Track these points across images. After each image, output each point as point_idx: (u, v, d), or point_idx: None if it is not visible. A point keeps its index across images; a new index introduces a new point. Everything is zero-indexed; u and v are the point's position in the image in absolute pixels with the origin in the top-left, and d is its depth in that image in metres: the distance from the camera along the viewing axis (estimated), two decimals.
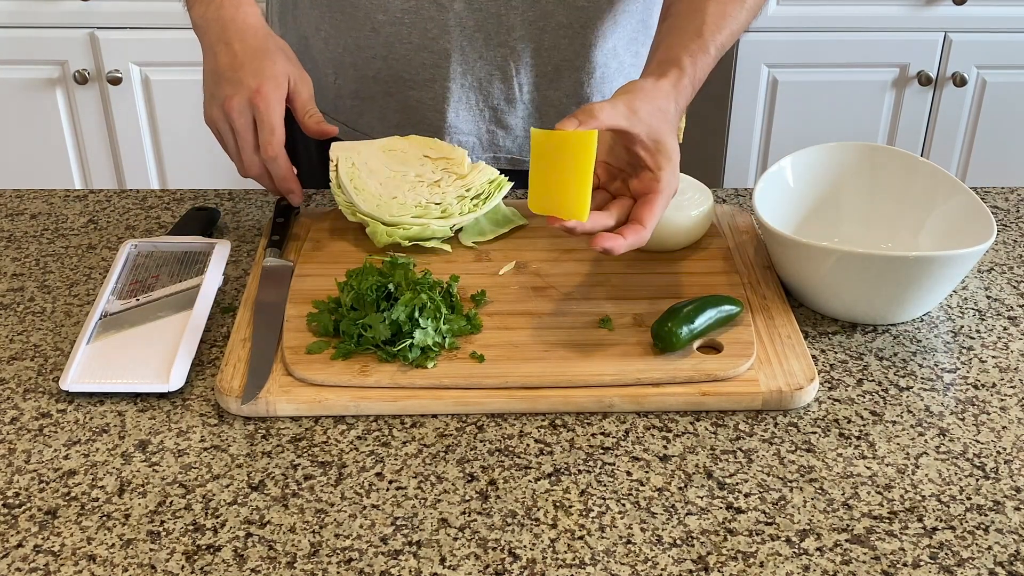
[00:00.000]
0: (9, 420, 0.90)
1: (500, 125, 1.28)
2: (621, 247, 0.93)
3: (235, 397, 0.90)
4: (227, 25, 1.09)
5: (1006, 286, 1.10)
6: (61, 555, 0.77)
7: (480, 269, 1.07)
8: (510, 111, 1.27)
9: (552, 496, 0.83)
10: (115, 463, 0.86)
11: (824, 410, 0.92)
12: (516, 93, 1.26)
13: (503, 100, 1.26)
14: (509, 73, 1.24)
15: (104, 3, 2.16)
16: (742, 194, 1.26)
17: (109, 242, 1.16)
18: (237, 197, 1.25)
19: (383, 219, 1.09)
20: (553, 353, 0.95)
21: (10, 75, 2.22)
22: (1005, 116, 2.31)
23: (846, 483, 0.85)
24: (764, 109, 2.31)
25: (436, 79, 1.23)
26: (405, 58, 1.23)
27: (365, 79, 1.26)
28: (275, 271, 1.06)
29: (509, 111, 1.27)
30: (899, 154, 1.13)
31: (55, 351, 0.99)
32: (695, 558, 0.78)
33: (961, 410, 0.92)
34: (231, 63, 1.07)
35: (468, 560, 0.77)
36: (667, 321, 0.95)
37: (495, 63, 1.23)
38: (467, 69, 1.23)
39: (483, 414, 0.91)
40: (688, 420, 0.91)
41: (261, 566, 0.77)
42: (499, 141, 1.29)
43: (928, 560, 0.78)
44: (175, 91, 2.24)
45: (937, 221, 1.09)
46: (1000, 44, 2.24)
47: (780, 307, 1.03)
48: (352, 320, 0.95)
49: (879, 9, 2.21)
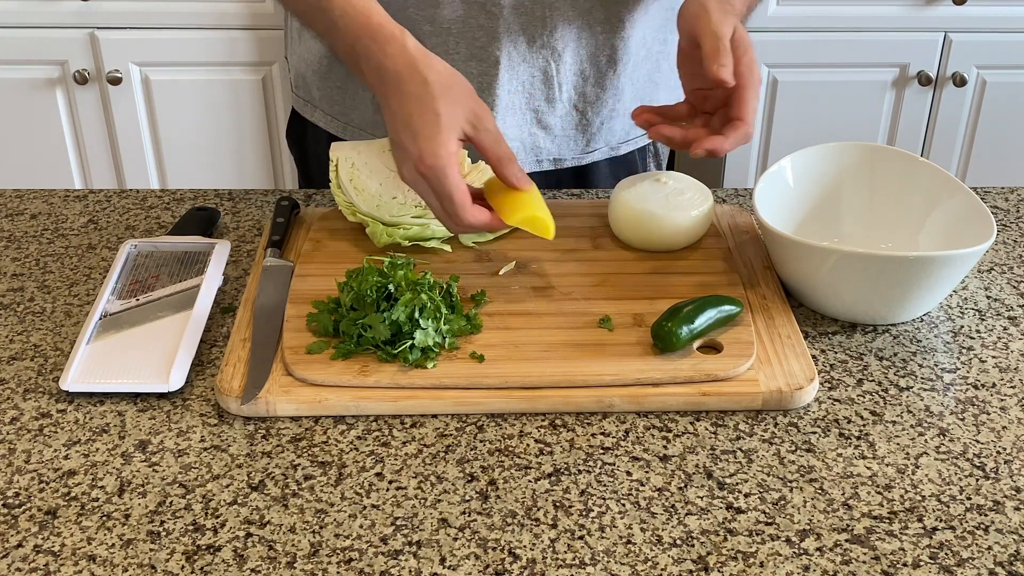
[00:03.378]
0: (9, 420, 0.90)
1: (541, 126, 1.27)
2: (725, 146, 0.99)
3: (235, 397, 0.90)
4: (383, 76, 0.98)
5: (1006, 286, 1.10)
6: (61, 555, 0.77)
7: (480, 269, 1.07)
8: (550, 111, 1.26)
9: (552, 496, 0.83)
10: (115, 463, 0.86)
11: (824, 410, 0.92)
12: (556, 93, 1.24)
13: (543, 101, 1.25)
14: (550, 74, 1.23)
15: (104, 3, 2.16)
16: (742, 194, 1.26)
17: (109, 242, 1.16)
18: (237, 197, 1.25)
19: (383, 219, 1.09)
20: (553, 353, 0.95)
21: (10, 75, 2.22)
22: (1005, 116, 2.31)
23: (846, 483, 0.85)
24: (764, 109, 2.31)
25: (484, 88, 1.21)
26: None
27: None
28: (275, 271, 1.06)
29: (549, 111, 1.26)
30: (899, 154, 1.13)
31: (55, 351, 0.99)
32: (695, 558, 0.78)
33: (961, 410, 0.92)
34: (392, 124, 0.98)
35: (468, 560, 0.77)
36: (667, 321, 0.95)
37: (538, 66, 1.22)
38: (513, 75, 1.21)
39: (483, 414, 0.91)
40: (688, 420, 0.91)
41: (261, 566, 0.77)
42: (540, 143, 1.28)
43: (928, 560, 0.78)
44: (175, 91, 2.24)
45: (937, 221, 1.09)
46: (1000, 44, 2.24)
47: (780, 307, 1.03)
48: (352, 320, 0.95)
49: (879, 9, 2.20)
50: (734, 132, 1.01)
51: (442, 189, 0.95)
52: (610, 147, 1.32)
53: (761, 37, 2.22)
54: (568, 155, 1.30)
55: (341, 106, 1.29)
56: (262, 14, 2.18)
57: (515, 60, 1.21)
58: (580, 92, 1.26)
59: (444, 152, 0.94)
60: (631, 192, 1.11)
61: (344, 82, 1.27)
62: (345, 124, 1.29)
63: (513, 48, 1.20)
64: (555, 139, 1.28)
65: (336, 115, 1.29)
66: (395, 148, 0.98)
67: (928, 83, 2.26)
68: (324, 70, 1.28)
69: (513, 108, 1.24)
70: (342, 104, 1.28)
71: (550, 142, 1.28)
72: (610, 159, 1.33)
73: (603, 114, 1.28)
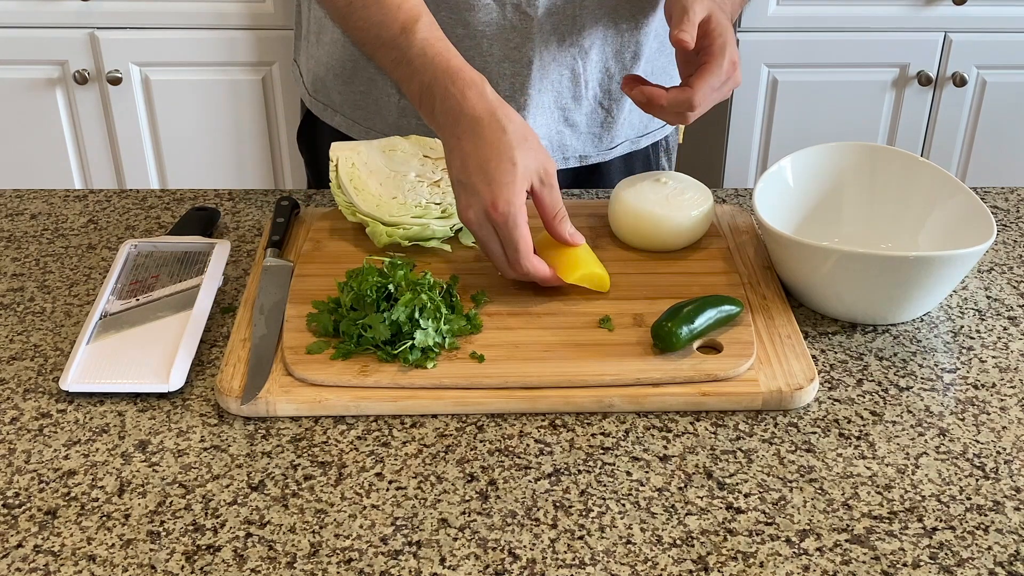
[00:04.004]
0: (9, 420, 0.90)
1: (567, 124, 1.28)
2: (661, 100, 1.05)
3: (235, 397, 0.90)
4: (458, 119, 0.99)
5: (1006, 286, 1.10)
6: (61, 555, 0.77)
7: (480, 269, 1.07)
8: (576, 108, 1.27)
9: (552, 496, 0.83)
10: (115, 463, 0.86)
11: (824, 410, 0.92)
12: (583, 91, 1.25)
13: (571, 99, 1.26)
14: (578, 72, 1.24)
15: (104, 3, 2.16)
16: (742, 194, 1.26)
17: (109, 242, 1.16)
18: (237, 197, 1.25)
19: (383, 219, 1.09)
20: (553, 353, 0.95)
21: (10, 75, 2.22)
22: (1005, 116, 2.31)
23: (846, 483, 0.85)
24: (764, 109, 2.31)
25: (517, 89, 1.22)
26: (485, 71, 1.15)
27: None
28: (275, 271, 1.06)
29: (575, 108, 1.27)
30: (899, 154, 1.13)
31: (55, 351, 0.99)
32: (695, 558, 0.78)
33: (961, 410, 0.92)
34: (462, 165, 0.99)
35: (468, 560, 0.77)
36: (667, 321, 0.95)
37: (567, 64, 1.23)
38: (544, 75, 1.22)
39: (483, 414, 0.91)
40: (688, 420, 0.91)
41: (261, 566, 0.77)
42: (567, 140, 1.29)
43: (928, 560, 0.78)
44: (175, 91, 2.24)
45: (937, 221, 1.09)
46: (1000, 44, 2.24)
47: (780, 307, 1.03)
48: (352, 320, 0.95)
49: (879, 9, 2.21)
50: (677, 91, 1.05)
51: (509, 236, 0.97)
52: (630, 141, 1.33)
53: (761, 37, 2.23)
54: (593, 151, 1.31)
55: (364, 111, 1.28)
56: (262, 14, 2.18)
57: (546, 60, 1.21)
58: (605, 89, 1.27)
59: (517, 201, 0.97)
60: (631, 192, 1.11)
61: (368, 86, 1.27)
62: (368, 128, 1.29)
63: (545, 49, 1.20)
64: (580, 136, 1.29)
65: (358, 119, 1.29)
66: (461, 189, 0.99)
67: (928, 83, 2.26)
68: (348, 74, 1.27)
69: (542, 107, 1.24)
70: (365, 108, 1.28)
71: (576, 139, 1.29)
72: (625, 155, 1.34)
73: (625, 109, 1.29)
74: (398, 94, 1.25)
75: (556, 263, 1.02)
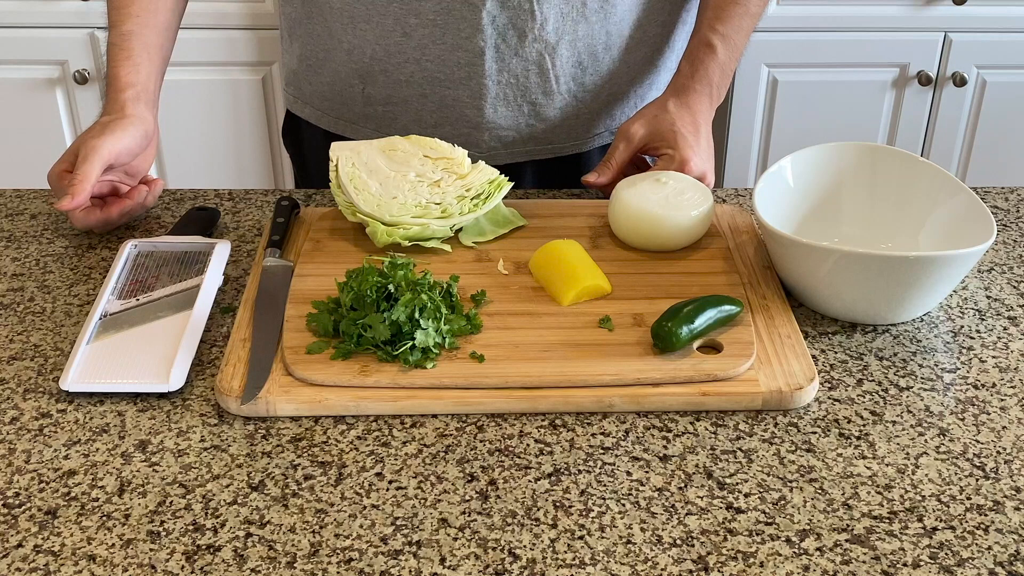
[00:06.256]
0: (9, 420, 0.90)
1: (539, 119, 1.29)
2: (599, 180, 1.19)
3: (235, 397, 0.90)
4: None
5: (1006, 286, 1.10)
6: (61, 555, 0.77)
7: (480, 269, 1.07)
8: (548, 103, 1.28)
9: (552, 496, 0.83)
10: (115, 463, 0.86)
11: (824, 410, 0.92)
12: (553, 86, 1.26)
13: (541, 94, 1.27)
14: (546, 67, 1.25)
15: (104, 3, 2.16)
16: (742, 194, 1.26)
17: (109, 242, 1.16)
18: (237, 197, 1.25)
19: (383, 219, 1.09)
20: (553, 353, 0.95)
21: (10, 75, 2.22)
22: (1005, 116, 2.31)
23: (846, 483, 0.85)
24: (764, 109, 2.31)
25: (472, 76, 1.24)
26: (439, 58, 1.23)
27: (398, 84, 1.27)
28: (275, 271, 1.06)
29: (547, 103, 1.28)
30: (899, 154, 1.13)
31: (55, 351, 0.99)
32: (695, 558, 0.78)
33: (961, 410, 0.92)
34: None
35: (468, 560, 0.77)
36: (667, 321, 0.95)
37: (531, 59, 1.24)
38: (503, 67, 1.24)
39: (483, 414, 0.91)
40: (688, 420, 0.91)
41: (261, 566, 0.77)
42: (538, 134, 1.30)
43: (928, 560, 0.78)
44: (175, 91, 2.23)
45: (937, 221, 1.09)
46: (1000, 44, 2.24)
47: (780, 307, 1.03)
48: (352, 320, 0.95)
49: (879, 9, 2.21)
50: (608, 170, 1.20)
51: None
52: (610, 132, 1.33)
53: (761, 37, 2.22)
54: (568, 143, 1.31)
55: (331, 101, 1.32)
56: (262, 14, 2.18)
57: (504, 53, 1.23)
58: (579, 82, 1.28)
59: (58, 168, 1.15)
60: (631, 192, 1.11)
61: (333, 78, 1.30)
62: (336, 119, 1.33)
63: (502, 41, 1.22)
64: (555, 130, 1.30)
65: (326, 110, 1.33)
66: None
67: (928, 83, 2.26)
68: (317, 65, 1.31)
69: (505, 99, 1.26)
70: (332, 99, 1.32)
71: (550, 133, 1.30)
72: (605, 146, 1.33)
73: (601, 99, 1.30)
74: (362, 83, 1.28)
75: (550, 287, 1.03)
